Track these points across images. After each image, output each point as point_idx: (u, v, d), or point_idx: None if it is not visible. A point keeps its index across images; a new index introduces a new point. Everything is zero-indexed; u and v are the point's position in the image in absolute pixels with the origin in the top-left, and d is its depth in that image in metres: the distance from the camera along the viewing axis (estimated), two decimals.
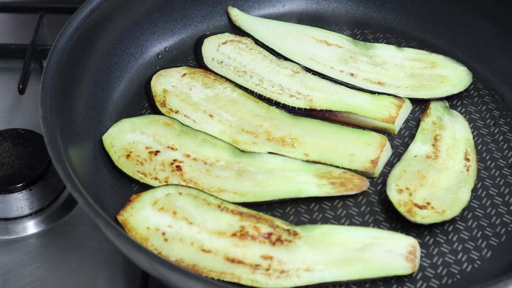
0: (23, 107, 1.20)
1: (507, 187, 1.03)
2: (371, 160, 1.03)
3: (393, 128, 1.07)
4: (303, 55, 1.16)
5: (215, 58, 1.15)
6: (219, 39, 1.17)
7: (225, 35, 1.18)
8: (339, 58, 1.16)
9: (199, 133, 1.05)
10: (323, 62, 1.15)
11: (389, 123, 1.07)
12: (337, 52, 1.17)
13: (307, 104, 1.09)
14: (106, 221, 0.86)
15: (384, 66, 1.15)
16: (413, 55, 1.16)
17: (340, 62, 1.15)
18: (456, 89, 1.12)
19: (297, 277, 0.91)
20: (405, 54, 1.16)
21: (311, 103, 1.09)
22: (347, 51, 1.17)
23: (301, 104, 1.09)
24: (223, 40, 1.17)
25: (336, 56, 1.16)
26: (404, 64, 1.15)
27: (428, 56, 1.16)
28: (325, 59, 1.15)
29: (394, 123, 1.07)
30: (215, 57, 1.15)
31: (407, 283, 0.93)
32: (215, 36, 1.18)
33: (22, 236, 1.05)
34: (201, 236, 0.93)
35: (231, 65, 1.14)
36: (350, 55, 1.16)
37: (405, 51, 1.17)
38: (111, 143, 1.03)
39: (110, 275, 1.00)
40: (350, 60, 1.15)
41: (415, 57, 1.16)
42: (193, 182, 1.00)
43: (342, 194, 1.00)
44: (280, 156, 1.03)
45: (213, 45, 1.16)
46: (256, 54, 1.16)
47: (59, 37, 1.03)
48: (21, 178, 1.04)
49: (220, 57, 1.15)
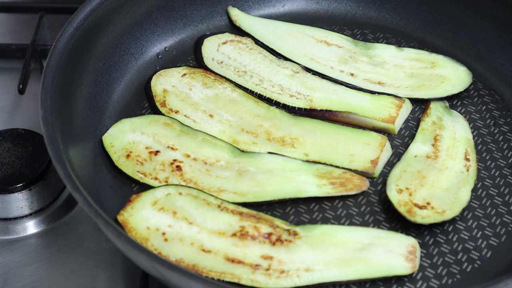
0: (23, 107, 1.20)
1: (507, 187, 1.03)
2: (371, 160, 1.03)
3: (393, 128, 1.07)
4: (303, 55, 1.16)
5: (215, 58, 1.15)
6: (219, 39, 1.17)
7: (225, 35, 1.18)
8: (339, 58, 1.16)
9: (199, 133, 1.05)
10: (323, 62, 1.15)
11: (389, 123, 1.07)
12: (337, 52, 1.17)
13: (307, 104, 1.09)
14: (106, 221, 0.86)
15: (384, 66, 1.15)
16: (413, 55, 1.16)
17: (340, 62, 1.15)
18: (456, 89, 1.12)
19: (297, 277, 0.91)
20: (405, 54, 1.16)
21: (311, 103, 1.09)
22: (347, 51, 1.17)
23: (301, 104, 1.09)
24: (223, 40, 1.17)
25: (336, 56, 1.16)
26: (404, 64, 1.15)
27: (428, 56, 1.16)
28: (325, 59, 1.15)
29: (394, 123, 1.07)
30: (215, 57, 1.15)
31: (407, 283, 0.93)
32: (215, 36, 1.18)
33: (22, 236, 1.05)
34: (201, 236, 0.93)
35: (231, 65, 1.14)
36: (350, 55, 1.16)
37: (405, 51, 1.17)
38: (111, 143, 1.03)
39: (110, 275, 1.00)
40: (350, 60, 1.15)
41: (415, 57, 1.16)
42: (193, 182, 1.00)
43: (342, 194, 1.00)
44: (280, 156, 1.03)
45: (213, 45, 1.16)
46: (256, 54, 1.16)
47: (59, 37, 1.03)
48: (21, 178, 1.04)
49: (220, 57, 1.15)
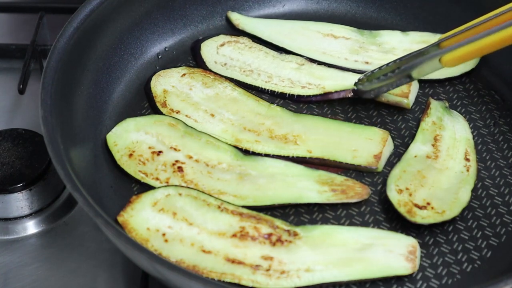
0: (23, 107, 1.20)
1: (507, 187, 1.03)
2: (374, 155, 1.03)
3: (407, 102, 1.09)
4: (315, 50, 1.17)
5: (217, 61, 1.15)
6: (216, 42, 1.17)
7: (221, 37, 1.18)
8: (350, 50, 1.17)
9: (203, 135, 1.04)
10: (336, 54, 1.16)
11: (402, 97, 1.09)
12: (346, 44, 1.18)
13: (321, 91, 1.10)
14: (106, 221, 0.86)
15: (394, 52, 1.17)
16: (418, 38, 1.18)
17: (352, 53, 1.16)
18: (469, 66, 1.15)
19: (298, 278, 0.91)
20: (411, 37, 1.18)
21: (324, 90, 1.10)
22: (355, 41, 1.18)
23: (316, 92, 1.09)
24: (220, 42, 1.17)
25: (346, 48, 1.17)
26: (412, 47, 1.16)
27: (433, 37, 1.17)
28: (337, 52, 1.17)
29: (408, 97, 1.09)
30: (217, 60, 1.15)
31: (407, 283, 0.93)
32: (211, 39, 1.18)
33: (22, 236, 1.05)
34: (201, 237, 0.93)
35: (235, 65, 1.14)
36: (359, 45, 1.17)
37: (410, 35, 1.19)
38: (114, 142, 1.03)
39: (110, 275, 1.00)
40: (360, 50, 1.17)
41: (421, 39, 1.18)
42: (194, 184, 1.00)
43: (342, 201, 1.00)
44: (283, 161, 1.03)
45: (211, 48, 1.16)
46: (257, 51, 1.16)
47: (59, 37, 1.04)
48: (21, 178, 1.04)
49: (222, 59, 1.15)
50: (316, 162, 1.03)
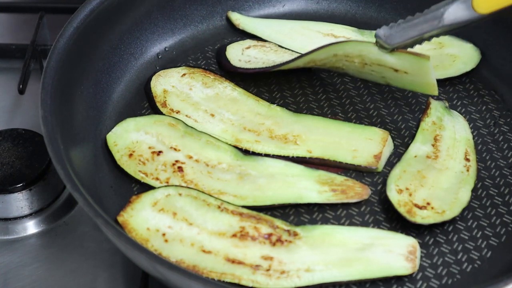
0: (23, 107, 1.20)
1: (507, 187, 1.03)
2: (374, 155, 1.03)
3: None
4: None
5: (241, 60, 1.15)
6: (242, 45, 1.17)
7: (247, 41, 1.18)
8: None
9: (203, 135, 1.05)
10: None
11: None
12: None
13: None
14: (106, 221, 0.86)
15: None
16: None
17: None
18: (469, 66, 1.14)
19: (298, 278, 0.91)
20: None
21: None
22: None
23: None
24: (246, 45, 1.17)
25: None
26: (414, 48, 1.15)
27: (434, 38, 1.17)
28: None
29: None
30: (241, 58, 1.15)
31: (407, 283, 0.93)
32: (237, 43, 1.18)
33: (22, 236, 1.05)
34: (201, 237, 0.93)
35: (259, 61, 1.14)
36: None
37: None
38: (114, 142, 1.03)
39: (110, 275, 1.00)
40: None
41: None
42: (194, 184, 1.00)
43: (343, 201, 1.00)
44: (283, 161, 1.03)
45: (237, 50, 1.16)
46: (282, 53, 1.16)
47: (59, 37, 1.04)
48: (21, 178, 1.04)
49: (246, 58, 1.15)
50: (316, 162, 1.03)
